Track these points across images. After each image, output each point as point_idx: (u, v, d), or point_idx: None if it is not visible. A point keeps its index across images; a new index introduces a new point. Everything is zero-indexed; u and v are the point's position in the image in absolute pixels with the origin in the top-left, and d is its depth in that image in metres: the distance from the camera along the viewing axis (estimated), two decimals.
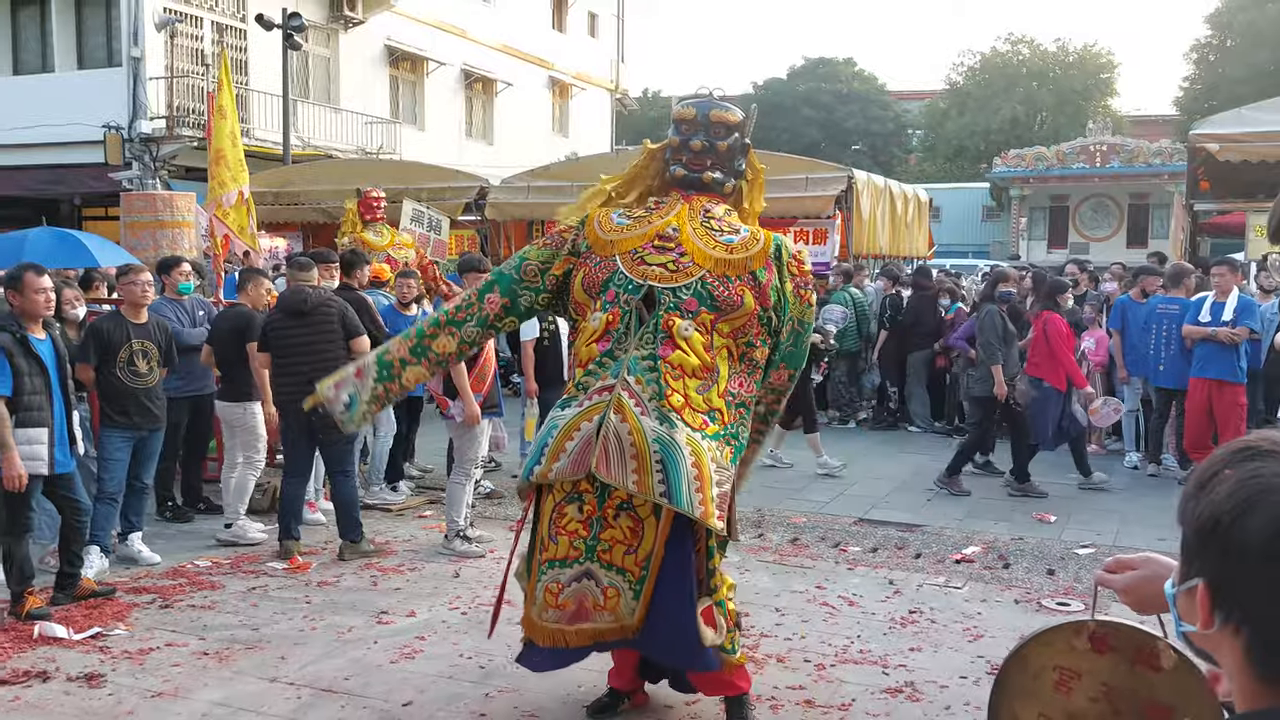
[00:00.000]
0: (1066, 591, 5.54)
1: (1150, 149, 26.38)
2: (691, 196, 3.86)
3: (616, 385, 3.55)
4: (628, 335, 3.63)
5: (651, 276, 3.66)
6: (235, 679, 4.34)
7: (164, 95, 17.53)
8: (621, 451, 3.45)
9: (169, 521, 6.92)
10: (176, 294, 7.10)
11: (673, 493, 3.41)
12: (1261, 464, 0.98)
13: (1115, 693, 1.56)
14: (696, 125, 3.87)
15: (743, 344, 3.73)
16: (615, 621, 3.53)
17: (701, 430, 3.53)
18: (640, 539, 3.51)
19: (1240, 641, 0.98)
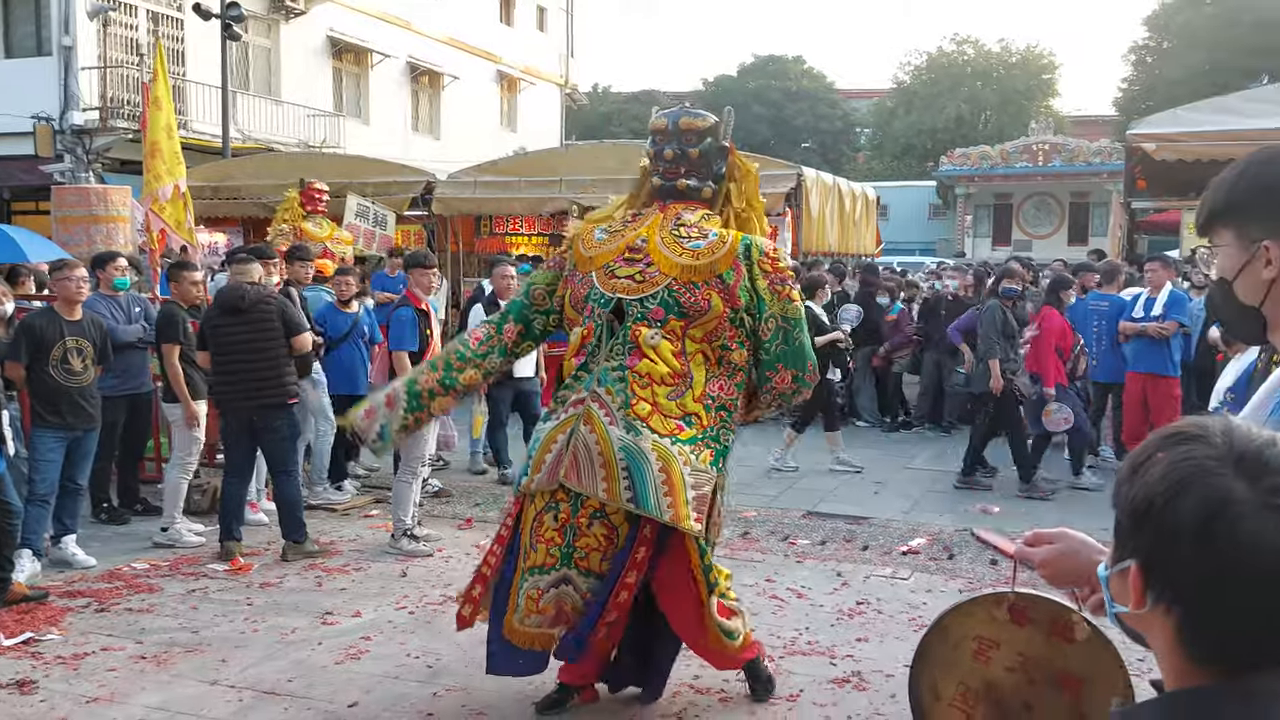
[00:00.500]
0: (1008, 581, 5.61)
1: (1090, 148, 26.97)
2: (666, 205, 3.93)
3: (588, 397, 3.67)
4: (600, 348, 3.74)
5: (619, 289, 3.75)
6: (174, 682, 4.24)
7: (97, 86, 17.07)
8: (590, 461, 3.56)
9: (104, 523, 6.74)
10: (112, 290, 6.92)
11: (639, 499, 3.51)
12: (1192, 447, 1.00)
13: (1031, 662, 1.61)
14: (668, 135, 3.94)
15: (718, 347, 3.77)
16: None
17: (673, 435, 3.59)
18: (614, 545, 3.61)
19: (1171, 622, 1.00)
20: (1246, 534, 0.94)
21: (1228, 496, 0.95)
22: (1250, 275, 1.42)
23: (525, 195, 12.63)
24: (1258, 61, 26.36)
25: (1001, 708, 1.63)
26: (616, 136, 35.02)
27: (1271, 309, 1.43)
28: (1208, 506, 0.96)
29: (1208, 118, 10.24)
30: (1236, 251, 1.44)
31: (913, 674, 1.70)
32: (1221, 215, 1.46)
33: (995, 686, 1.63)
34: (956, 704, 1.65)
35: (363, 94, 23.06)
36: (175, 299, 6.54)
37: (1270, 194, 1.40)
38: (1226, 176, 1.47)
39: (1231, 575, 0.95)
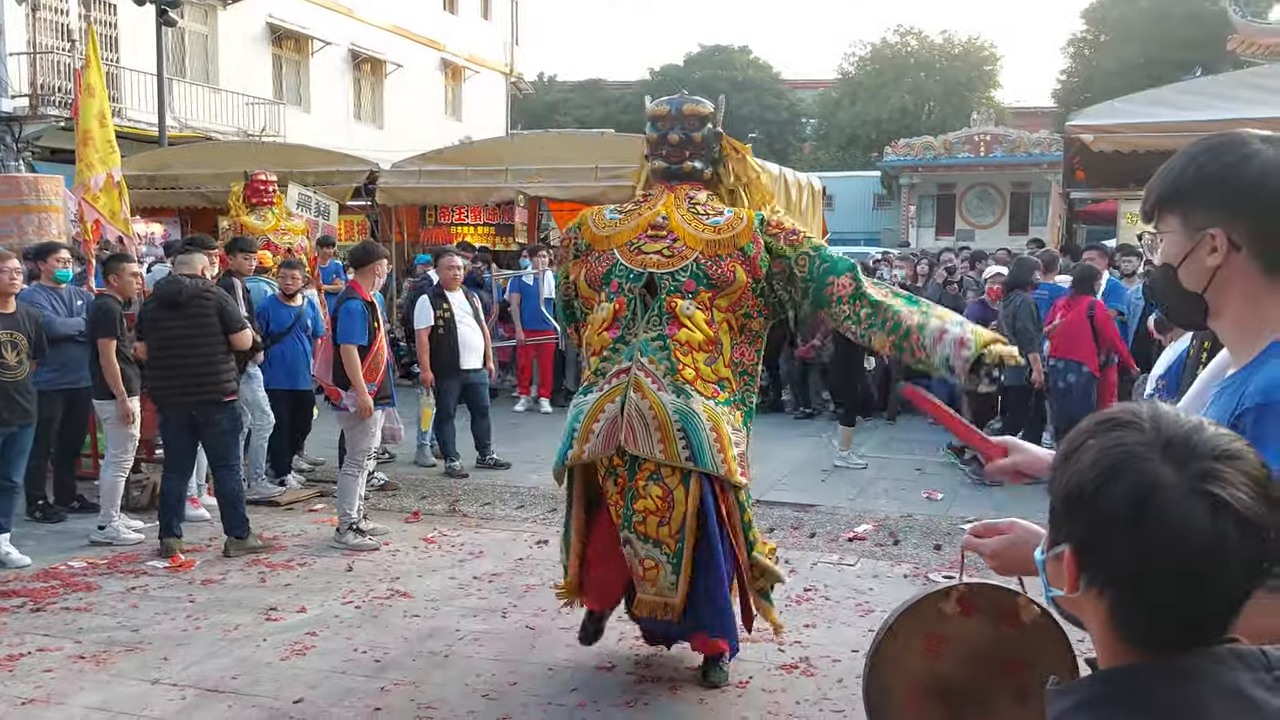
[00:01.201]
0: (952, 565, 5.71)
1: (1030, 139, 27.40)
2: (674, 186, 4.14)
3: (632, 367, 3.85)
4: (635, 320, 3.93)
5: (650, 264, 3.95)
6: (114, 682, 4.15)
7: (26, 72, 16.56)
8: (646, 425, 3.78)
9: (40, 521, 6.57)
10: (54, 282, 6.74)
11: (697, 456, 3.75)
12: (1123, 433, 1.02)
13: (980, 654, 1.62)
14: (671, 120, 4.15)
15: (741, 316, 4.00)
16: (658, 596, 3.88)
17: (714, 398, 3.85)
18: (671, 508, 3.81)
19: (1104, 604, 1.03)
20: (1174, 519, 0.96)
21: (1156, 481, 0.98)
22: (1194, 262, 1.44)
23: (471, 185, 12.52)
24: (1190, 54, 27.05)
25: (954, 702, 1.64)
26: (562, 126, 34.84)
27: (1214, 296, 1.45)
28: (1136, 491, 0.98)
29: (1143, 109, 10.46)
30: (1182, 238, 1.46)
31: (865, 675, 1.70)
32: (1168, 201, 1.48)
33: (946, 682, 1.64)
34: (908, 702, 1.66)
35: (303, 81, 22.68)
36: (113, 292, 6.38)
37: (1217, 181, 1.42)
38: (1174, 163, 1.49)
39: (1161, 559, 0.97)
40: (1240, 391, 1.38)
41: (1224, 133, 1.48)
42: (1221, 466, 0.98)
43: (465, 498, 7.32)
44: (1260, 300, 1.41)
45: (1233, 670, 0.99)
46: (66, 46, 16.63)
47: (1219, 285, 1.44)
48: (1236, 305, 1.44)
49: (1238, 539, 0.96)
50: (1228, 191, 1.41)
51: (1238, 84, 10.44)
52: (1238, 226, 1.40)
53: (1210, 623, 1.01)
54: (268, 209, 9.18)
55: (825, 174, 25.71)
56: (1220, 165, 1.42)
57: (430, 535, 6.32)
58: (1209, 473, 0.98)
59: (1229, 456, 0.99)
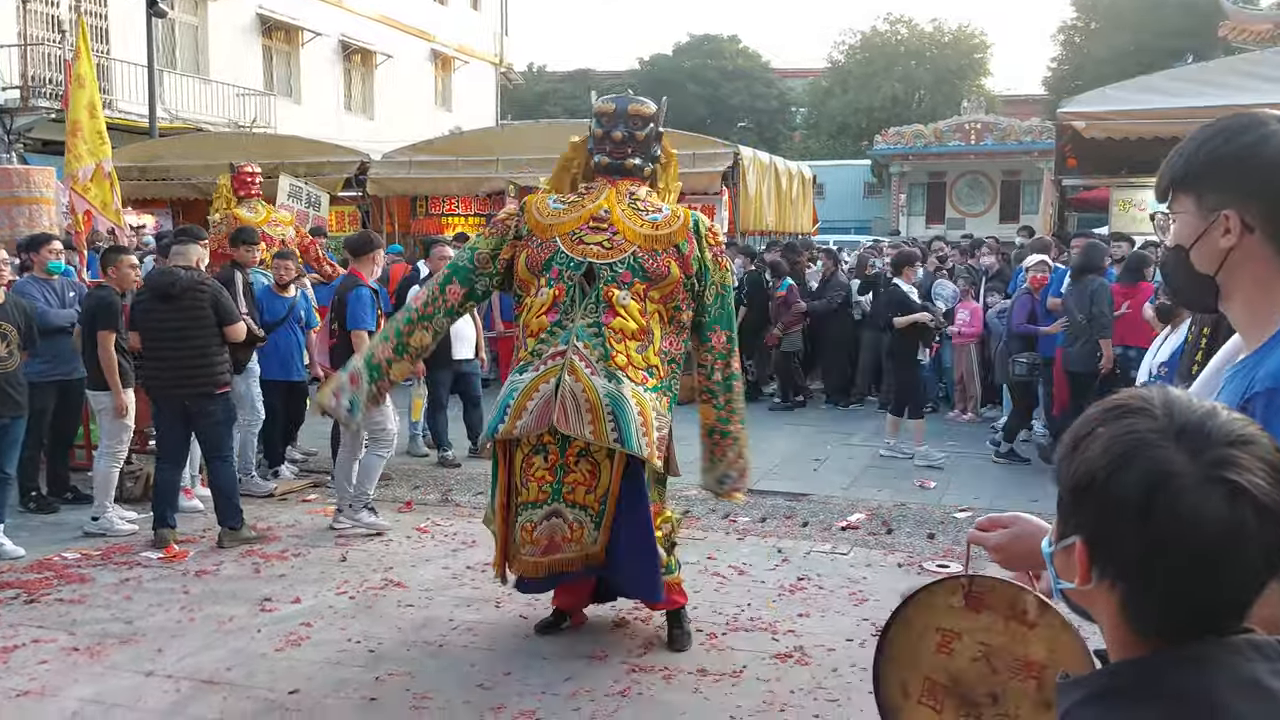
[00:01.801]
0: (945, 554, 5.74)
1: (1021, 127, 27.39)
2: (616, 181, 4.37)
3: (568, 350, 4.07)
4: (573, 306, 4.15)
5: (590, 254, 4.18)
6: (108, 674, 4.15)
7: (17, 64, 16.46)
8: (578, 407, 3.99)
9: (33, 513, 6.56)
10: (46, 273, 6.71)
11: (624, 439, 3.98)
12: (1134, 420, 1.00)
13: (993, 651, 1.58)
14: (616, 118, 4.39)
15: (671, 308, 4.27)
16: (580, 550, 4.12)
17: (643, 385, 4.10)
18: (598, 479, 4.09)
19: (1116, 596, 1.00)
20: (1188, 507, 0.94)
21: (1169, 469, 0.95)
22: (1207, 243, 1.42)
23: (461, 175, 12.50)
24: (1182, 41, 27.06)
25: (969, 701, 1.61)
26: (552, 116, 34.79)
27: (1226, 278, 1.42)
28: (1149, 480, 0.95)
29: (1135, 96, 10.46)
30: (1195, 219, 1.43)
31: (877, 671, 1.67)
32: (1182, 182, 1.45)
33: (961, 679, 1.61)
34: (925, 700, 1.60)
35: (294, 73, 22.57)
36: (111, 283, 6.35)
37: (1233, 162, 1.40)
38: (1189, 143, 1.46)
39: (1175, 548, 0.95)
40: (1251, 375, 1.36)
41: (1241, 113, 1.45)
42: (1237, 452, 0.96)
43: (458, 487, 7.32)
44: (1272, 284, 1.39)
45: (1249, 660, 0.97)
46: (57, 38, 16.54)
47: (1231, 268, 1.41)
48: (1248, 288, 1.42)
49: (1256, 525, 0.94)
50: (1243, 172, 1.39)
51: (1229, 71, 10.45)
52: (1251, 208, 1.38)
53: (1226, 612, 0.99)
54: (257, 201, 9.15)
55: (816, 163, 25.73)
56: (1236, 146, 1.40)
57: (423, 525, 6.32)
58: (1225, 459, 0.95)
59: (1244, 441, 0.97)
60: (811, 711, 3.83)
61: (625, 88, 4.39)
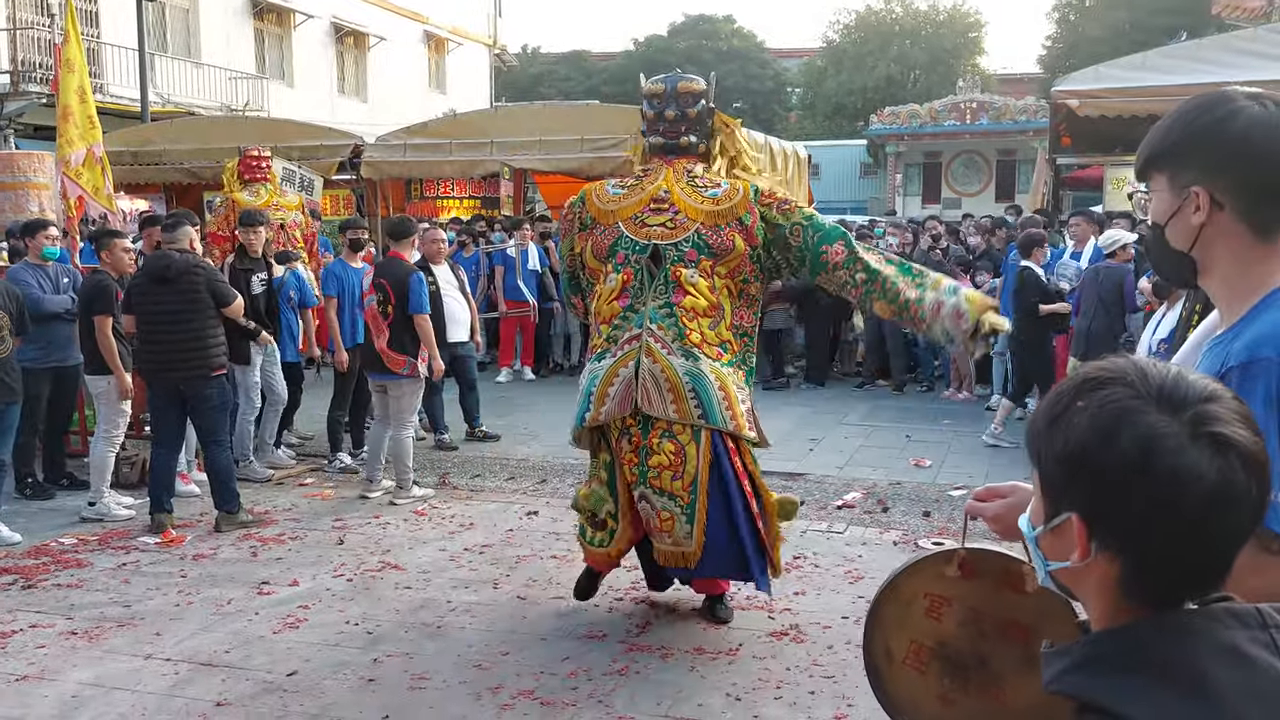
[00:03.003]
0: (941, 532, 5.76)
1: (1016, 106, 27.33)
2: (672, 161, 4.38)
3: (642, 333, 4.13)
4: (643, 289, 4.18)
5: (654, 235, 4.20)
6: (106, 658, 4.16)
7: (6, 49, 16.35)
8: (659, 387, 4.06)
9: (30, 499, 6.56)
10: (41, 259, 6.69)
11: (708, 414, 4.04)
12: (1112, 390, 1.00)
13: (983, 616, 1.61)
14: (666, 97, 4.40)
15: (739, 282, 4.26)
16: (675, 546, 4.14)
17: (719, 360, 4.13)
18: (684, 461, 4.08)
19: (1115, 567, 1.01)
20: (1183, 466, 0.95)
21: (1159, 431, 0.96)
22: (1180, 221, 1.44)
23: (456, 158, 12.43)
24: (1176, 19, 26.93)
25: (955, 663, 1.62)
26: (547, 98, 34.61)
27: (1202, 253, 1.44)
28: (1142, 443, 0.96)
29: (1129, 74, 10.45)
30: (1169, 196, 1.45)
31: (866, 636, 1.70)
32: (1156, 160, 1.47)
33: (948, 642, 1.63)
34: (910, 662, 1.64)
35: (286, 55, 22.44)
36: (106, 268, 6.34)
37: (1200, 138, 1.41)
38: (1163, 121, 1.47)
39: (1172, 509, 0.96)
40: (1226, 349, 1.37)
41: (1212, 91, 1.47)
42: (1214, 407, 0.98)
43: (455, 470, 7.34)
44: (1247, 259, 1.41)
45: (1229, 628, 0.98)
46: (46, 22, 16.41)
47: (1205, 243, 1.43)
48: (1224, 265, 1.43)
49: (1244, 476, 0.96)
50: (1210, 149, 1.40)
51: (1222, 48, 10.43)
52: (1220, 184, 1.40)
53: (1216, 571, 1.00)
54: (260, 185, 9.10)
55: (811, 143, 25.61)
56: (1204, 123, 1.41)
57: (420, 508, 6.34)
58: (1206, 415, 0.97)
59: (1215, 397, 0.99)
60: (807, 688, 3.85)
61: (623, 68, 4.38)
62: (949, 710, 1.63)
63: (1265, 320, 1.36)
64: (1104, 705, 0.98)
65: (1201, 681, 0.95)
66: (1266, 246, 1.41)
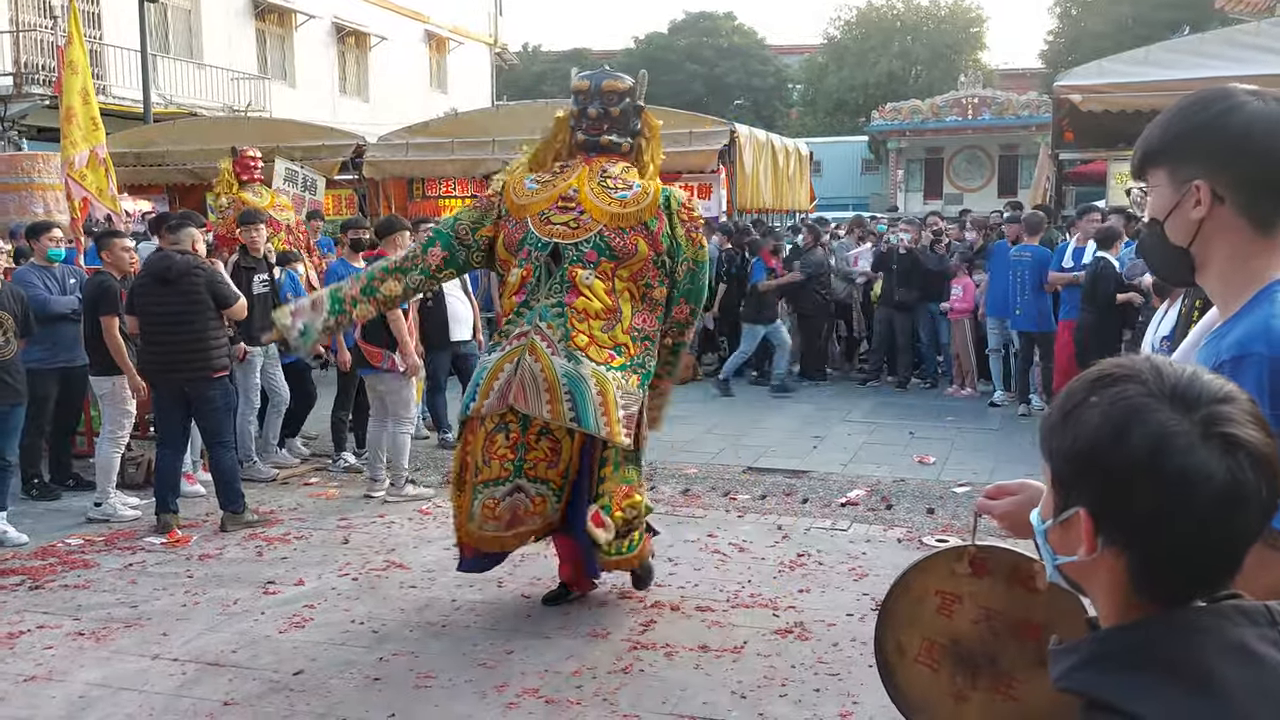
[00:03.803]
0: (945, 529, 5.77)
1: (1018, 101, 27.30)
2: (592, 158, 4.39)
3: (530, 331, 4.16)
4: (539, 287, 4.22)
5: (556, 234, 4.22)
6: (114, 658, 4.18)
7: (10, 51, 16.38)
8: (536, 386, 4.09)
9: (36, 500, 6.58)
10: (46, 260, 6.71)
11: (581, 418, 4.06)
12: (1124, 387, 1.01)
13: (994, 614, 1.62)
14: (591, 95, 4.41)
15: (642, 285, 4.29)
16: (543, 520, 4.29)
17: (607, 364, 4.13)
18: (559, 456, 4.20)
19: (1122, 563, 1.01)
20: (1193, 464, 0.95)
21: (1170, 429, 0.97)
22: (1180, 216, 1.43)
23: (458, 157, 12.45)
24: (1179, 13, 26.86)
25: (967, 661, 1.62)
26: (549, 96, 34.57)
27: (1201, 249, 1.44)
28: (1152, 442, 0.97)
29: (1132, 69, 10.43)
30: (1168, 192, 1.44)
31: (878, 633, 1.69)
32: (1155, 156, 1.47)
33: (960, 640, 1.63)
34: (922, 659, 1.64)
35: (288, 56, 22.46)
36: (107, 268, 6.36)
37: (1201, 133, 1.41)
38: (1161, 118, 1.47)
39: (1182, 506, 0.96)
40: (1219, 345, 1.38)
41: (1211, 87, 1.47)
42: (1227, 408, 0.98)
43: None
44: (1245, 254, 1.41)
45: (1237, 626, 0.98)
46: (49, 24, 16.41)
47: (1204, 239, 1.43)
48: (1221, 260, 1.43)
49: (1254, 477, 0.96)
50: (1212, 143, 1.40)
51: (1225, 42, 10.41)
52: (1221, 179, 1.40)
53: (1224, 570, 1.00)
54: (260, 185, 9.12)
55: (812, 140, 25.62)
56: (1205, 118, 1.42)
57: (425, 507, 6.35)
58: (1218, 415, 0.97)
59: (1229, 398, 1.00)
60: (812, 686, 3.86)
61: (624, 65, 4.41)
62: (961, 707, 1.63)
63: (1257, 315, 1.36)
64: (1111, 702, 0.98)
65: (1209, 679, 0.95)
66: (1265, 240, 1.41)
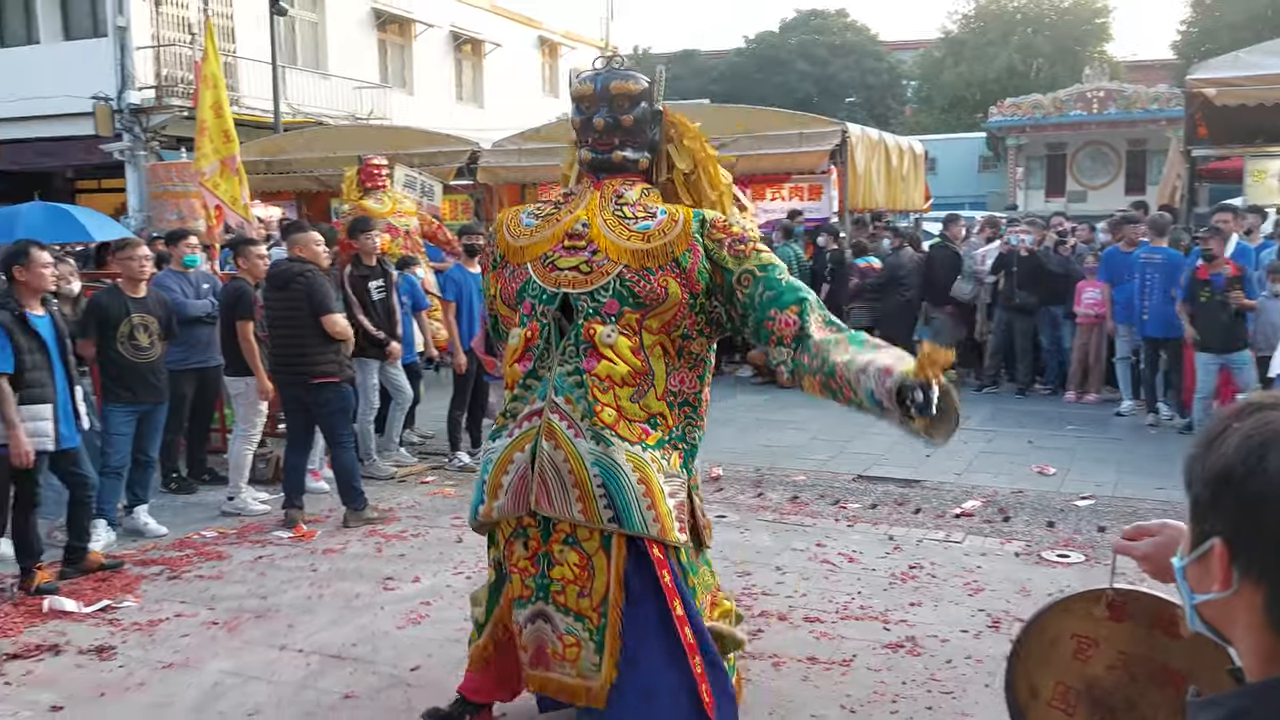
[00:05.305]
0: (1066, 543, 5.59)
1: (1148, 94, 26.19)
2: (602, 182, 3.42)
3: (545, 408, 3.19)
4: (549, 351, 3.24)
5: (564, 282, 3.25)
6: (245, 648, 4.39)
7: (151, 65, 17.34)
8: (561, 481, 3.12)
9: (174, 493, 6.97)
10: (182, 266, 7.10)
11: (622, 517, 3.08)
12: (1269, 414, 0.98)
13: (1133, 659, 1.56)
14: (596, 101, 3.40)
15: (677, 337, 3.30)
16: (577, 677, 3.20)
17: (642, 441, 3.18)
18: (592, 577, 3.16)
19: (1260, 597, 0.97)
20: None
21: None
22: None
23: None
24: None
25: (1103, 706, 1.57)
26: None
27: None
28: None
29: (1272, 60, 9.92)
30: None
31: (1009, 674, 1.66)
32: None
33: (1096, 685, 1.58)
34: (1056, 704, 1.60)
35: (407, 65, 23.13)
36: (242, 274, 6.68)
37: None
38: None
39: None
40: None
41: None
42: None
43: None
44: None
45: None
46: (187, 39, 17.35)
47: None
48: None
49: None
50: None
51: None
52: None
53: None
54: (383, 192, 9.42)
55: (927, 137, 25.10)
56: None
57: None
58: None
59: None
60: (924, 704, 3.79)
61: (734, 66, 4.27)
62: None
63: None
64: None
65: None
66: None
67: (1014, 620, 4.50)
